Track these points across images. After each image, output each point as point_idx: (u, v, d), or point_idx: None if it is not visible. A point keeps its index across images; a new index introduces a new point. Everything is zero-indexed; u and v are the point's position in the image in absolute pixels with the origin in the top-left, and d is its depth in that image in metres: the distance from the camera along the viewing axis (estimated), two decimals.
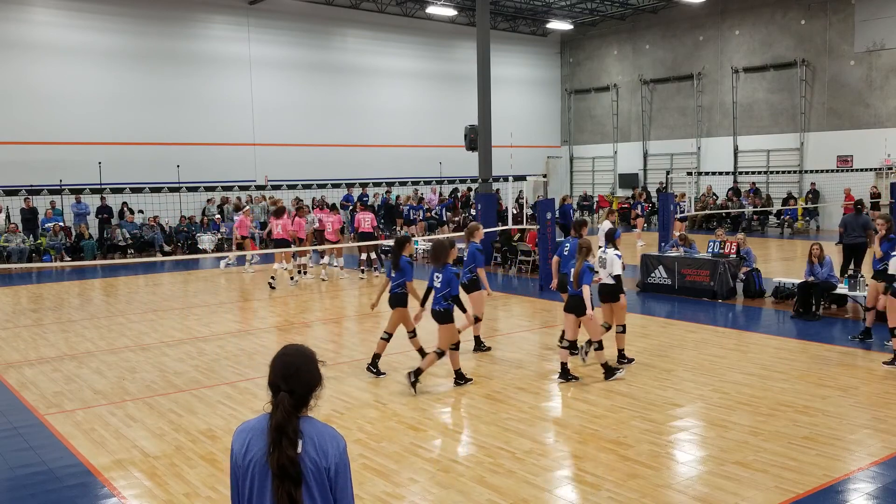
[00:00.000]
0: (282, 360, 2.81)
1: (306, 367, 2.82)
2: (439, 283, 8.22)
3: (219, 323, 12.22)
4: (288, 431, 2.66)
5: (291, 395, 2.73)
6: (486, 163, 19.81)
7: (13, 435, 7.07)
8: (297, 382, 2.77)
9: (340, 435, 2.80)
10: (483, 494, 5.51)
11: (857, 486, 5.61)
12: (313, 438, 2.71)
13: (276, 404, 2.70)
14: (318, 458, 2.67)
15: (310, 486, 2.65)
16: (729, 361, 9.18)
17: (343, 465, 2.71)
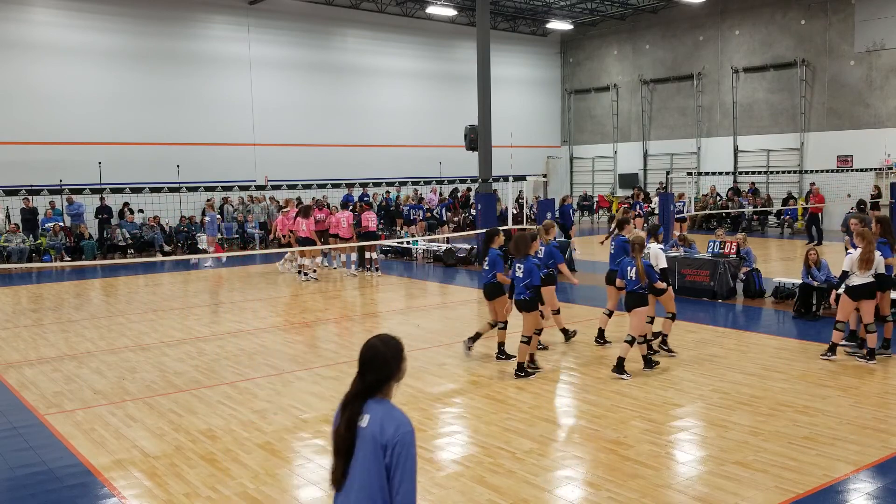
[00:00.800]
0: (366, 346, 3.09)
1: (383, 358, 3.05)
2: (521, 273, 8.59)
3: (219, 323, 12.22)
4: (348, 410, 3.00)
5: (362, 380, 3.03)
6: (486, 163, 19.82)
7: (13, 435, 7.07)
8: (371, 369, 3.03)
9: (409, 422, 2.99)
10: (483, 494, 5.50)
11: (857, 486, 5.61)
12: (380, 418, 2.96)
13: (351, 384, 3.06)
14: (378, 436, 2.92)
15: (368, 459, 2.92)
16: (729, 361, 9.18)
17: (402, 447, 2.91)
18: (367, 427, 2.96)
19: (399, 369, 3.08)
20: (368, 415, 2.98)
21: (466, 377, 8.76)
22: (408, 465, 2.92)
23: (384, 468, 2.92)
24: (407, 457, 2.92)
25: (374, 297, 14.89)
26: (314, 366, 9.34)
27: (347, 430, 2.98)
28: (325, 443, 6.65)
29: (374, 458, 2.92)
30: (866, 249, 8.69)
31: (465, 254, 19.29)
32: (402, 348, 3.10)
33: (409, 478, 2.92)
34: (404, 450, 2.91)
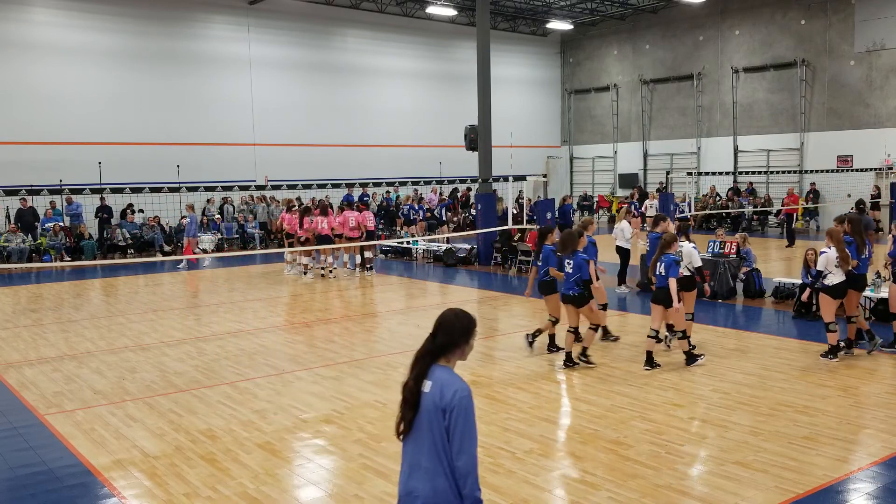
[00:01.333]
0: (443, 313, 3.41)
1: (451, 325, 3.34)
2: (570, 268, 8.90)
3: (219, 323, 12.23)
4: (417, 366, 3.32)
5: (433, 340, 3.34)
6: (486, 163, 19.81)
7: (13, 435, 7.07)
8: (442, 331, 3.33)
9: (467, 387, 3.25)
10: (483, 494, 5.49)
11: (857, 486, 5.61)
12: (440, 385, 3.24)
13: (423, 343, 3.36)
14: (438, 401, 3.20)
15: (430, 422, 3.21)
16: (729, 361, 9.18)
17: (461, 410, 3.17)
18: (428, 392, 3.24)
19: (466, 343, 3.35)
20: (431, 381, 3.26)
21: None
22: (466, 427, 3.17)
23: (445, 430, 3.18)
24: (465, 420, 3.17)
25: (374, 297, 14.90)
26: (314, 366, 9.34)
27: (415, 383, 3.28)
28: (326, 443, 6.65)
29: (437, 420, 3.20)
30: (840, 248, 8.83)
31: (465, 254, 19.29)
32: (474, 327, 3.39)
33: (468, 439, 3.17)
34: (462, 413, 3.16)
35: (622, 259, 14.52)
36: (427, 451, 3.22)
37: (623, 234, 14.45)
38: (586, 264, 8.90)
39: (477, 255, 19.27)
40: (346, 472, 5.99)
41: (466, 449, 3.16)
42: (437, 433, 3.20)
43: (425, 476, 3.23)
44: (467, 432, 3.17)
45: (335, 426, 7.06)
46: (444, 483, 3.20)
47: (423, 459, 3.23)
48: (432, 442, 3.21)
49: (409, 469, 3.29)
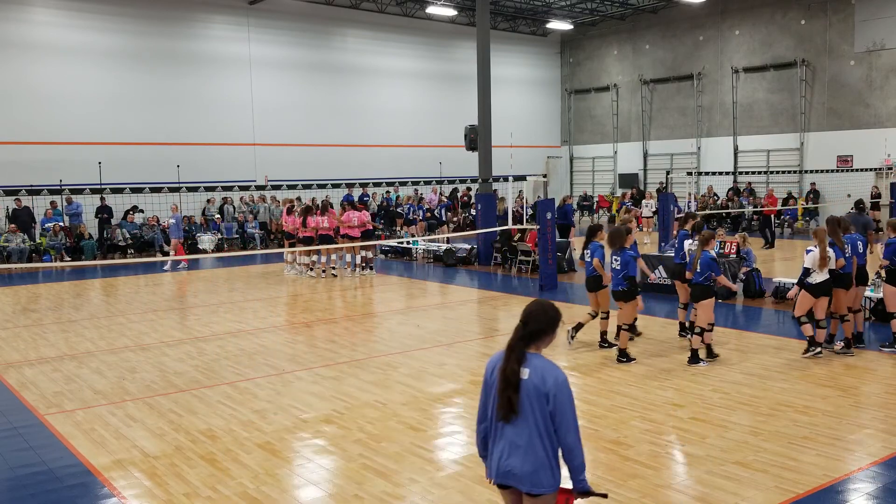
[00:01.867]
0: (528, 306, 3.69)
1: (539, 315, 3.62)
2: (618, 265, 9.12)
3: (219, 323, 12.22)
4: (514, 351, 3.57)
5: (524, 327, 3.59)
6: (486, 163, 19.82)
7: (13, 435, 7.07)
8: (532, 319, 3.60)
9: (562, 372, 3.57)
10: (483, 494, 5.50)
11: (857, 486, 5.61)
12: (538, 369, 3.54)
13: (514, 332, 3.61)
14: (540, 384, 3.51)
15: (532, 405, 3.50)
16: (729, 361, 9.18)
17: (562, 393, 3.51)
18: (528, 379, 3.51)
19: (553, 331, 3.65)
20: (528, 369, 3.53)
21: (466, 377, 8.76)
22: (568, 408, 3.53)
23: (548, 413, 3.50)
24: (569, 402, 3.54)
25: (375, 297, 14.90)
26: (314, 366, 9.34)
27: (515, 369, 3.54)
28: (326, 443, 6.65)
29: (539, 404, 3.49)
30: (821, 248, 8.99)
31: (465, 254, 19.29)
32: (560, 318, 3.68)
33: (571, 419, 3.52)
34: (564, 397, 3.52)
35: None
36: (526, 433, 3.50)
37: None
38: (634, 261, 9.18)
39: (477, 255, 19.28)
40: (346, 472, 5.99)
41: (572, 428, 3.52)
42: (538, 416, 3.49)
43: (524, 455, 3.51)
44: (572, 413, 3.54)
45: (335, 426, 7.06)
46: (542, 461, 3.51)
47: (521, 440, 3.51)
48: (533, 424, 3.49)
49: (509, 448, 3.54)
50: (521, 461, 3.51)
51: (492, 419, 3.63)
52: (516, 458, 3.52)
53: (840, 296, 9.33)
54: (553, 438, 3.52)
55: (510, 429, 3.54)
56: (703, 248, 9.07)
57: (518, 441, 3.52)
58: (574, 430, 3.52)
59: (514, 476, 3.54)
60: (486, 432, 3.70)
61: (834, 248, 9.16)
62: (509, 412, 3.51)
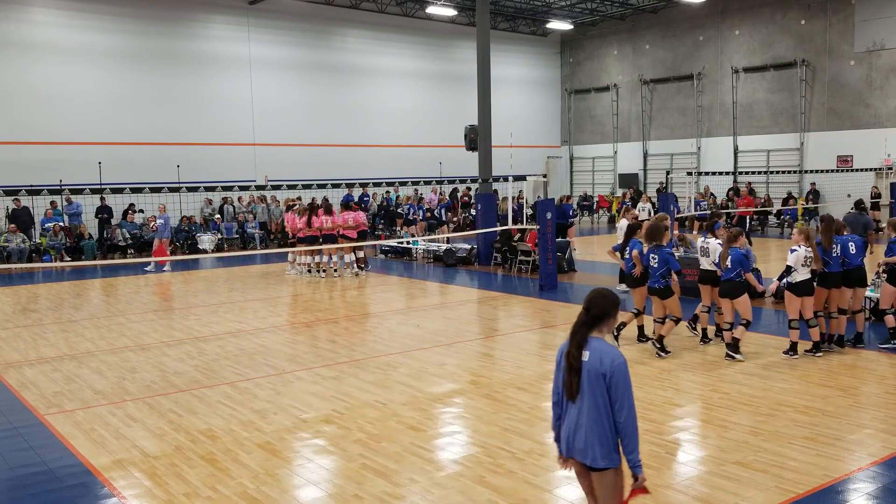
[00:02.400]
0: (589, 294, 4.03)
1: (599, 300, 3.95)
2: (656, 263, 9.29)
3: (219, 323, 12.22)
4: (577, 336, 3.90)
5: (587, 313, 3.93)
6: (486, 163, 19.81)
7: (13, 435, 7.07)
8: (595, 305, 3.94)
9: (621, 354, 3.84)
10: (483, 494, 5.50)
11: (857, 486, 5.61)
12: (598, 351, 3.84)
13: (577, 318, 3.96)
14: (598, 366, 3.79)
15: (592, 385, 3.79)
16: (729, 361, 9.17)
17: (620, 374, 3.76)
18: (588, 361, 3.82)
19: (614, 314, 3.98)
20: (588, 351, 3.85)
21: (466, 377, 8.76)
22: (625, 389, 3.76)
23: (606, 393, 3.77)
24: (624, 383, 3.76)
25: (375, 297, 14.90)
26: (314, 366, 9.34)
27: (577, 351, 3.86)
28: (326, 443, 6.65)
29: (598, 385, 3.77)
30: (812, 246, 9.07)
31: (465, 254, 19.29)
32: (619, 302, 4.02)
33: (627, 400, 3.76)
34: (621, 377, 3.76)
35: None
36: (588, 411, 3.80)
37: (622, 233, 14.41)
38: (673, 257, 9.34)
39: (477, 255, 19.27)
40: (346, 472, 6.00)
41: (627, 408, 3.75)
42: (598, 395, 3.78)
43: (587, 432, 3.82)
44: (626, 393, 3.76)
45: (335, 426, 7.06)
46: (604, 438, 3.80)
47: (584, 418, 3.81)
48: (593, 404, 3.78)
49: (575, 426, 3.86)
50: (585, 438, 3.82)
51: (562, 399, 3.96)
52: (580, 435, 3.84)
53: (822, 294, 9.40)
54: (611, 417, 3.79)
55: (575, 407, 3.86)
56: (731, 245, 9.17)
57: (581, 419, 3.83)
58: (627, 411, 3.76)
59: (579, 451, 3.86)
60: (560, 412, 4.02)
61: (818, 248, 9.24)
62: (571, 392, 3.84)
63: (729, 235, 9.38)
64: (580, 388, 3.82)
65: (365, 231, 17.95)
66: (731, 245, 9.20)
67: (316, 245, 16.77)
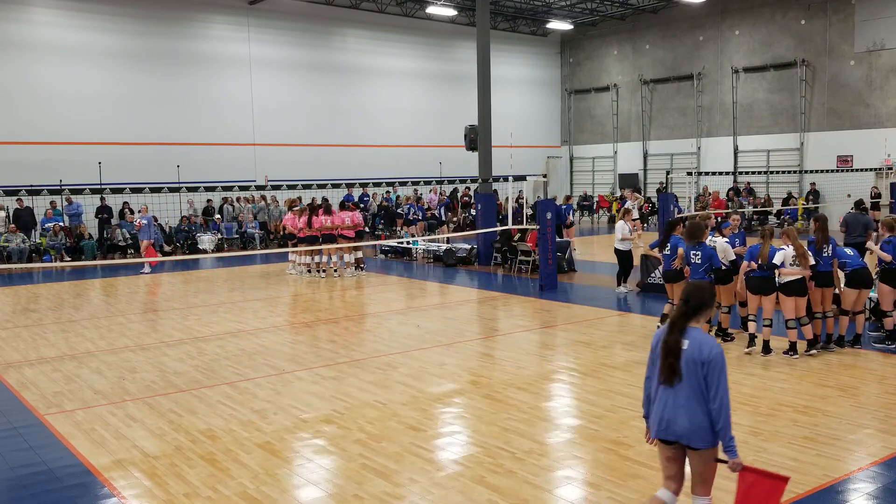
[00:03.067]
0: (687, 287, 4.38)
1: (697, 293, 4.28)
2: (699, 259, 9.39)
3: (219, 323, 12.23)
4: (676, 325, 4.22)
5: (686, 305, 4.23)
6: (486, 163, 19.82)
7: (13, 435, 7.07)
8: (693, 297, 4.25)
9: (718, 345, 4.19)
10: (483, 494, 5.50)
11: (857, 486, 5.61)
12: (697, 341, 4.17)
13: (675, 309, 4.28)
14: (697, 354, 4.13)
15: (690, 372, 4.14)
16: (729, 362, 9.15)
17: (716, 363, 4.10)
18: (687, 349, 4.16)
19: (711, 305, 4.33)
20: (688, 340, 4.17)
21: (466, 377, 8.76)
22: (720, 376, 4.09)
23: (703, 379, 4.10)
24: (720, 371, 4.09)
25: (375, 297, 14.89)
26: (314, 366, 9.34)
27: (678, 339, 4.17)
28: (326, 443, 6.66)
29: (696, 372, 4.12)
30: (797, 245, 9.19)
31: (465, 254, 19.29)
32: (715, 294, 4.37)
33: (722, 387, 4.08)
34: (717, 365, 4.10)
35: (620, 260, 14.45)
36: (686, 395, 4.14)
37: (622, 233, 14.36)
38: (716, 253, 9.48)
39: (477, 255, 19.27)
40: (346, 472, 6.00)
41: (721, 394, 4.07)
42: (695, 381, 4.12)
43: (685, 414, 4.14)
44: (721, 380, 4.09)
45: (335, 426, 7.06)
46: (701, 418, 4.12)
47: (682, 401, 4.15)
48: (691, 388, 4.13)
49: (672, 408, 4.19)
50: (683, 419, 4.16)
51: (655, 383, 4.29)
52: (679, 417, 4.17)
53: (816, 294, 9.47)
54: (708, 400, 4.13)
55: (671, 391, 4.19)
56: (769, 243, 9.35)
57: (679, 402, 4.16)
58: (721, 396, 4.08)
59: (677, 432, 4.19)
60: (650, 394, 4.37)
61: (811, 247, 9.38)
62: (671, 377, 4.17)
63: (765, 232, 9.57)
64: (679, 374, 4.14)
65: (363, 231, 17.93)
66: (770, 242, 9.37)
67: (315, 245, 16.77)
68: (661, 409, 4.24)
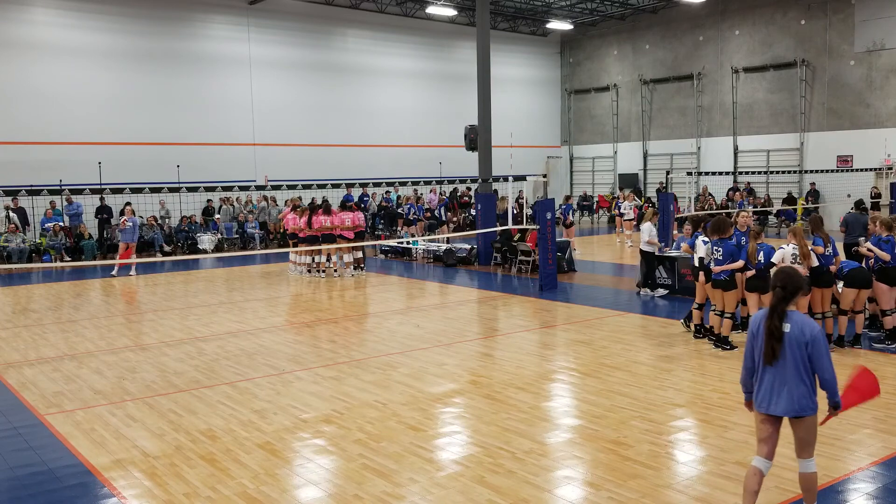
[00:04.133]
0: (779, 273, 4.80)
1: (793, 280, 4.68)
2: (721, 255, 9.45)
3: (219, 323, 12.23)
4: (777, 310, 4.63)
5: (783, 291, 4.62)
6: (486, 163, 19.82)
7: (13, 435, 7.07)
8: (788, 284, 4.64)
9: (817, 325, 4.65)
10: (483, 494, 5.50)
11: (857, 486, 5.60)
12: (798, 323, 4.63)
13: (773, 295, 4.65)
14: (800, 337, 4.60)
15: (794, 351, 4.61)
16: (729, 362, 9.18)
17: (817, 341, 4.57)
18: (790, 332, 4.61)
19: (803, 289, 4.74)
20: (788, 324, 4.61)
21: (466, 377, 8.76)
22: (825, 351, 4.59)
23: (807, 357, 4.59)
24: (823, 346, 4.58)
25: (374, 297, 14.90)
26: (314, 366, 9.34)
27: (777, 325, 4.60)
28: (326, 443, 6.66)
29: (799, 351, 4.59)
30: (801, 244, 9.25)
31: (465, 254, 19.29)
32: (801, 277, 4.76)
33: (827, 359, 4.58)
34: (819, 343, 4.58)
35: (645, 261, 14.03)
36: (790, 371, 4.61)
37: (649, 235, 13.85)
38: (737, 250, 9.47)
39: (477, 255, 19.27)
40: (346, 472, 6.00)
41: (827, 367, 4.57)
42: (798, 359, 4.59)
43: (789, 389, 4.63)
44: (825, 355, 4.58)
45: (335, 426, 7.06)
46: (803, 390, 4.62)
47: (786, 378, 4.63)
48: (794, 365, 4.60)
49: (778, 385, 4.67)
50: (789, 395, 4.63)
51: (758, 363, 4.74)
52: (784, 393, 4.64)
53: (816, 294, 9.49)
54: (811, 374, 4.61)
55: (774, 370, 4.65)
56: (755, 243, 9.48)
57: (784, 379, 4.63)
58: (828, 368, 4.58)
59: (783, 406, 4.66)
60: (751, 373, 4.82)
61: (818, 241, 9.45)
62: (772, 358, 4.63)
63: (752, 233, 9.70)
64: (780, 355, 4.61)
65: (363, 231, 17.89)
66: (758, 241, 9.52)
67: (316, 245, 16.77)
68: (767, 386, 4.70)
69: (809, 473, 4.79)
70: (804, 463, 4.82)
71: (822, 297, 9.56)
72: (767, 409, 4.73)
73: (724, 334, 9.67)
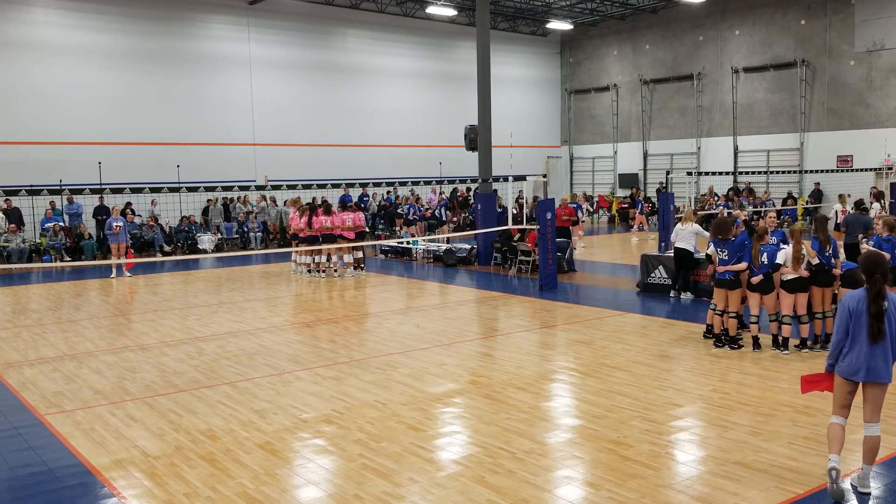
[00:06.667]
0: (871, 257, 5.35)
1: (883, 261, 5.29)
2: (725, 255, 9.56)
3: (219, 323, 12.22)
4: (881, 294, 5.17)
5: (883, 277, 5.16)
6: (486, 163, 19.82)
7: (13, 435, 7.06)
8: (879, 270, 5.20)
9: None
10: (483, 494, 5.50)
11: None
12: (892, 301, 5.21)
13: (874, 280, 5.18)
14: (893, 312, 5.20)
15: (891, 327, 5.21)
16: (729, 361, 9.18)
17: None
18: (888, 310, 5.19)
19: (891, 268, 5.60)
20: (888, 302, 5.18)
21: (466, 377, 8.76)
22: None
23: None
24: None
25: (375, 297, 14.90)
26: (314, 366, 9.34)
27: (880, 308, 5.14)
28: (326, 443, 6.66)
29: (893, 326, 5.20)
30: (796, 247, 9.28)
31: (465, 254, 19.29)
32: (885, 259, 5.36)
33: None
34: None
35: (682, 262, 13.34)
36: (889, 344, 5.19)
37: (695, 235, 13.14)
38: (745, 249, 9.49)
39: (477, 255, 19.27)
40: (346, 472, 6.00)
41: None
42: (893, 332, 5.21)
43: (884, 360, 5.20)
44: None
45: (335, 426, 7.06)
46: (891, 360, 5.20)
47: (886, 352, 5.20)
48: (891, 339, 5.20)
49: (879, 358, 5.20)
50: (884, 363, 5.22)
51: (852, 337, 5.26)
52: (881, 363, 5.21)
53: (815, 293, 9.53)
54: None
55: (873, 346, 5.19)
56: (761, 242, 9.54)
57: (884, 353, 5.20)
58: None
59: (878, 375, 5.22)
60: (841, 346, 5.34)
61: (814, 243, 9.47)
62: (879, 336, 5.16)
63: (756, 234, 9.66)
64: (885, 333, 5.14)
65: (363, 231, 17.89)
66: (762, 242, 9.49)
67: (316, 245, 16.77)
68: (866, 358, 5.20)
69: (876, 437, 5.34)
70: (872, 427, 5.34)
71: (823, 297, 9.56)
72: (858, 376, 5.25)
73: (732, 334, 9.74)
